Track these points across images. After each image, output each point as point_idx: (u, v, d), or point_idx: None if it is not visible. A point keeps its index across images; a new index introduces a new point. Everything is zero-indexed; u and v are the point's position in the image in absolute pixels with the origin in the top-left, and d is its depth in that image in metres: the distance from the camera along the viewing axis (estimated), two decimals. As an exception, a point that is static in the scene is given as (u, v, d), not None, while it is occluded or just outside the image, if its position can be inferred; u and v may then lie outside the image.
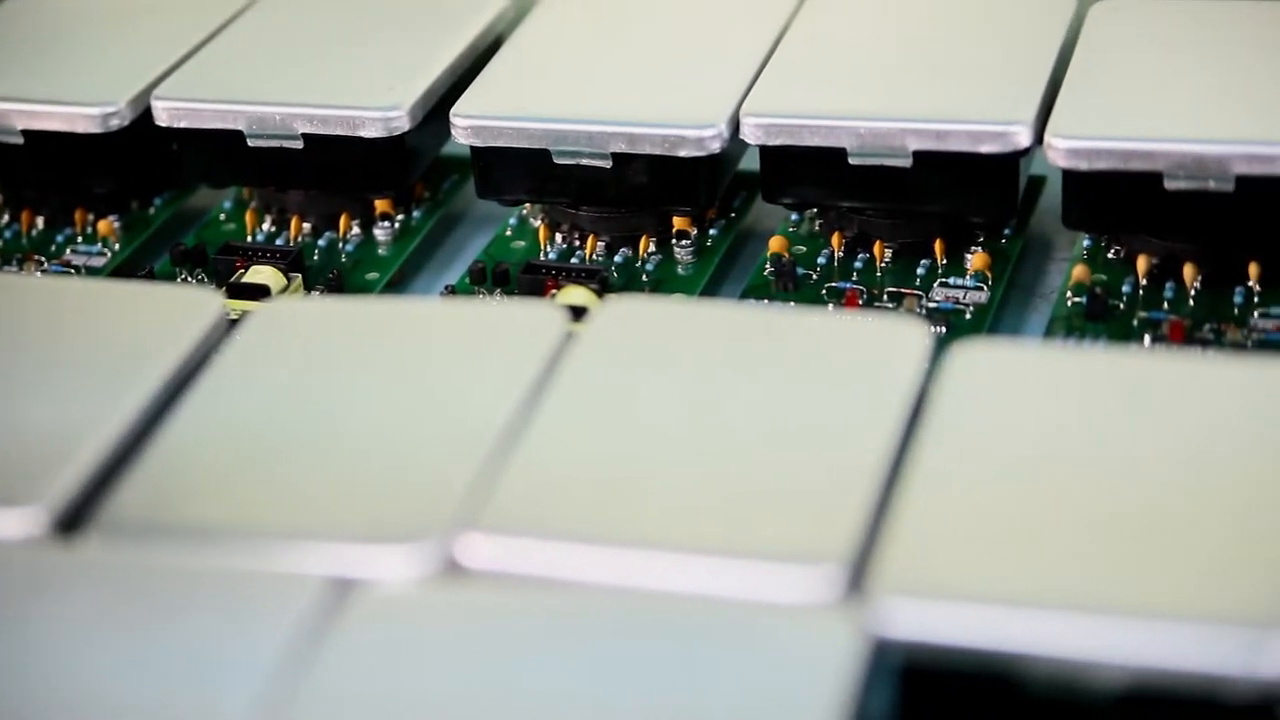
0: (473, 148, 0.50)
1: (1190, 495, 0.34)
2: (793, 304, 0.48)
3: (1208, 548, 0.33)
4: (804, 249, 0.50)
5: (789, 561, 0.34)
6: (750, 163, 0.50)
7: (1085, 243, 0.49)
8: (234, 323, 0.42)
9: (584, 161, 0.49)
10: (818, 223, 0.51)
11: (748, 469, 0.36)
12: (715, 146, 0.48)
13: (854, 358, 0.39)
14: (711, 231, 0.51)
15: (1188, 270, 0.47)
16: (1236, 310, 0.46)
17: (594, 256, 0.50)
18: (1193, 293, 0.47)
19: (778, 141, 0.48)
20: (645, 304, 0.42)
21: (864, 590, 0.33)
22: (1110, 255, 0.49)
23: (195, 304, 0.42)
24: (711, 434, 0.37)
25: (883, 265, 0.49)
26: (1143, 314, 0.46)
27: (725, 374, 0.39)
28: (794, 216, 0.51)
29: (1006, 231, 0.50)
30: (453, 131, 0.50)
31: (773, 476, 0.36)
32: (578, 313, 0.45)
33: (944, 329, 0.47)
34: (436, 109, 0.51)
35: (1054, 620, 0.32)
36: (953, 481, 0.35)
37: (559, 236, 0.51)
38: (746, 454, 0.36)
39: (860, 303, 0.48)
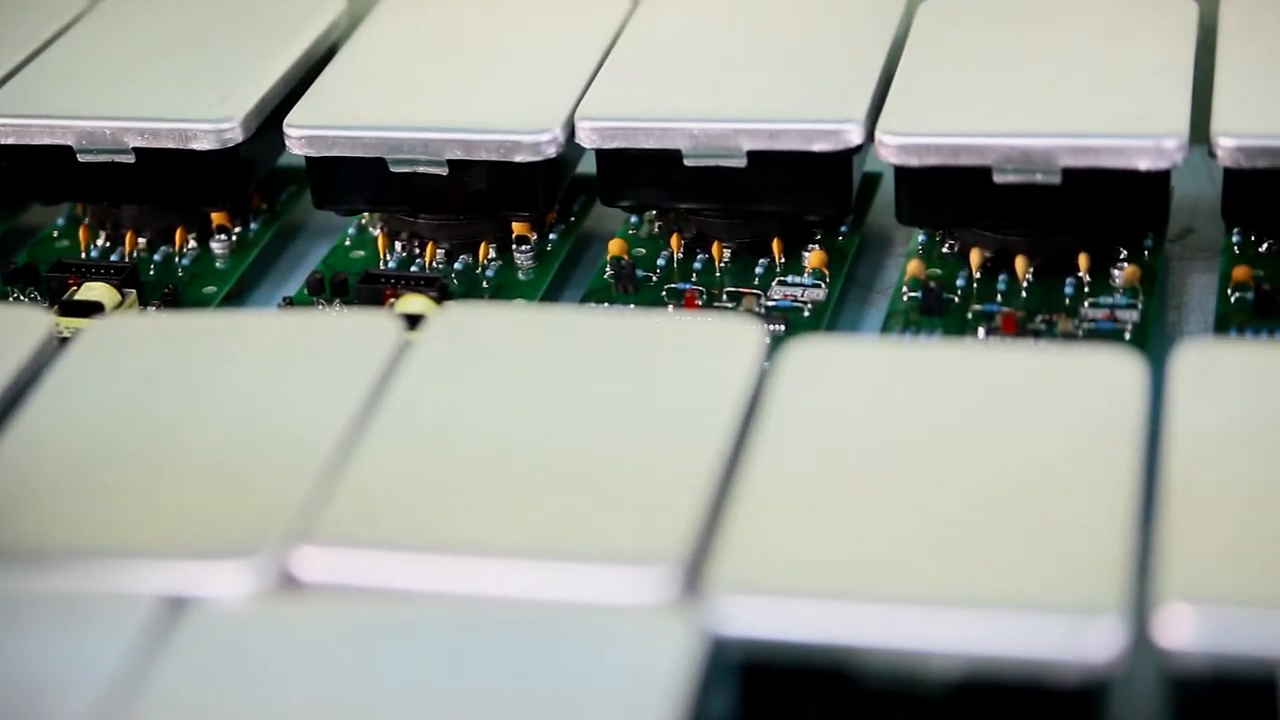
0: (307, 158, 0.49)
1: (1017, 485, 0.35)
2: (633, 306, 0.48)
3: (1034, 537, 0.33)
4: (644, 251, 0.50)
5: (624, 563, 0.34)
6: (589, 166, 0.51)
7: (920, 238, 0.50)
8: (64, 341, 0.41)
9: (420, 169, 0.49)
10: (657, 224, 0.51)
11: (583, 472, 0.36)
12: (551, 151, 0.48)
13: (689, 358, 0.39)
14: (551, 236, 0.51)
15: (1019, 262, 0.48)
16: (1068, 301, 0.47)
17: (434, 264, 0.50)
18: (1025, 284, 0.47)
19: (613, 145, 0.48)
20: (480, 311, 0.42)
21: (700, 590, 0.33)
22: (945, 250, 0.49)
23: (23, 322, 0.42)
24: (547, 439, 0.37)
25: (722, 265, 0.50)
26: (977, 307, 0.47)
27: (560, 378, 0.39)
28: (633, 219, 0.52)
29: (843, 229, 0.51)
30: (286, 142, 0.49)
31: (608, 479, 0.36)
32: (415, 321, 0.45)
33: (783, 327, 0.47)
34: (271, 119, 0.51)
35: (887, 612, 0.32)
36: (788, 478, 0.35)
37: (398, 245, 0.51)
38: (582, 457, 0.36)
39: (700, 303, 0.48)
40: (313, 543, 0.35)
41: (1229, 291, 0.47)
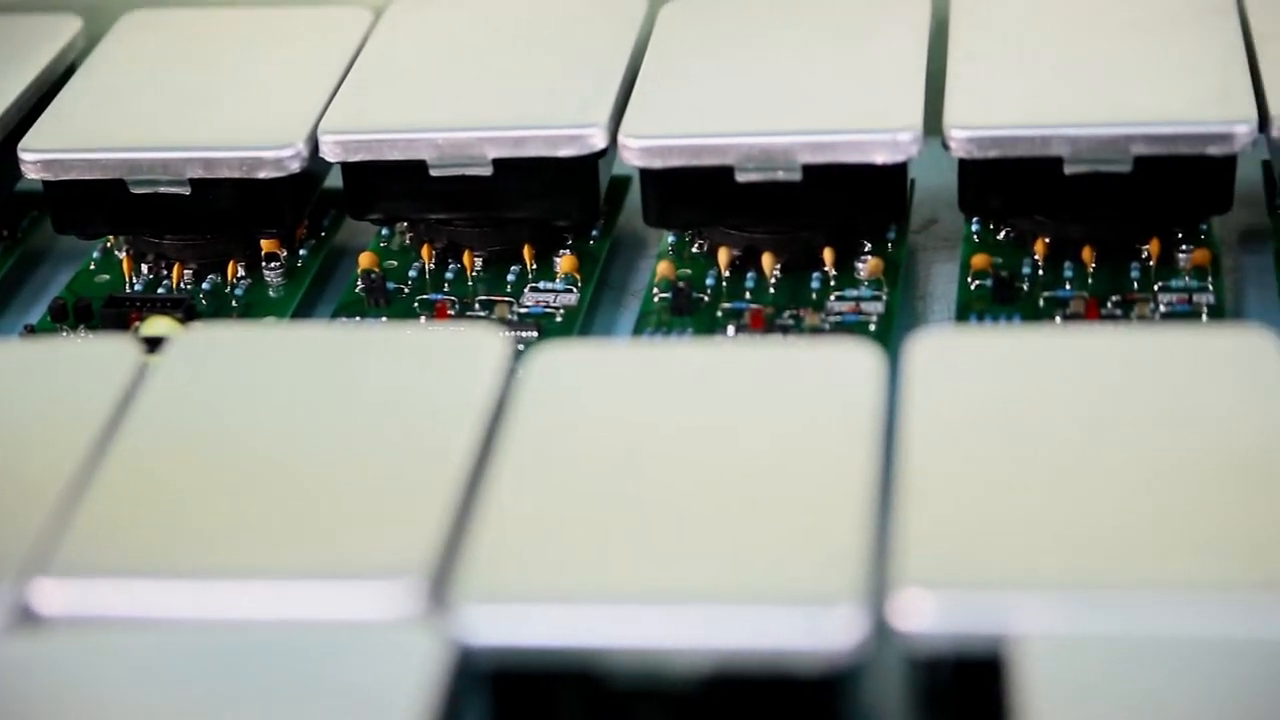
0: (45, 183, 0.48)
1: (758, 480, 0.35)
2: (385, 319, 0.48)
3: (775, 530, 0.34)
4: (395, 263, 0.50)
5: (369, 578, 0.33)
6: (339, 180, 0.50)
7: (670, 239, 0.50)
8: None
9: (162, 190, 0.48)
10: (408, 236, 0.51)
11: (327, 489, 0.36)
12: (295, 166, 0.48)
13: (433, 370, 0.39)
14: (301, 252, 0.51)
15: (766, 259, 0.48)
16: (814, 295, 0.48)
17: (181, 285, 0.50)
18: (773, 281, 0.48)
19: (358, 157, 0.48)
20: (222, 331, 0.42)
21: (447, 601, 0.33)
22: (695, 250, 0.50)
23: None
24: (290, 456, 0.36)
25: (474, 274, 0.50)
26: (726, 305, 0.48)
27: (304, 395, 0.38)
28: (384, 231, 0.51)
29: (594, 233, 0.51)
30: (22, 167, 0.48)
31: (353, 495, 0.35)
32: (158, 344, 0.44)
33: (536, 333, 0.47)
34: (6, 144, 0.50)
35: (632, 612, 0.33)
36: (533, 485, 0.36)
37: (145, 267, 0.50)
38: (326, 474, 0.36)
39: (452, 313, 0.48)
40: (51, 575, 0.34)
41: (969, 280, 0.48)
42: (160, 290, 0.49)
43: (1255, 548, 0.33)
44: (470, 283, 0.49)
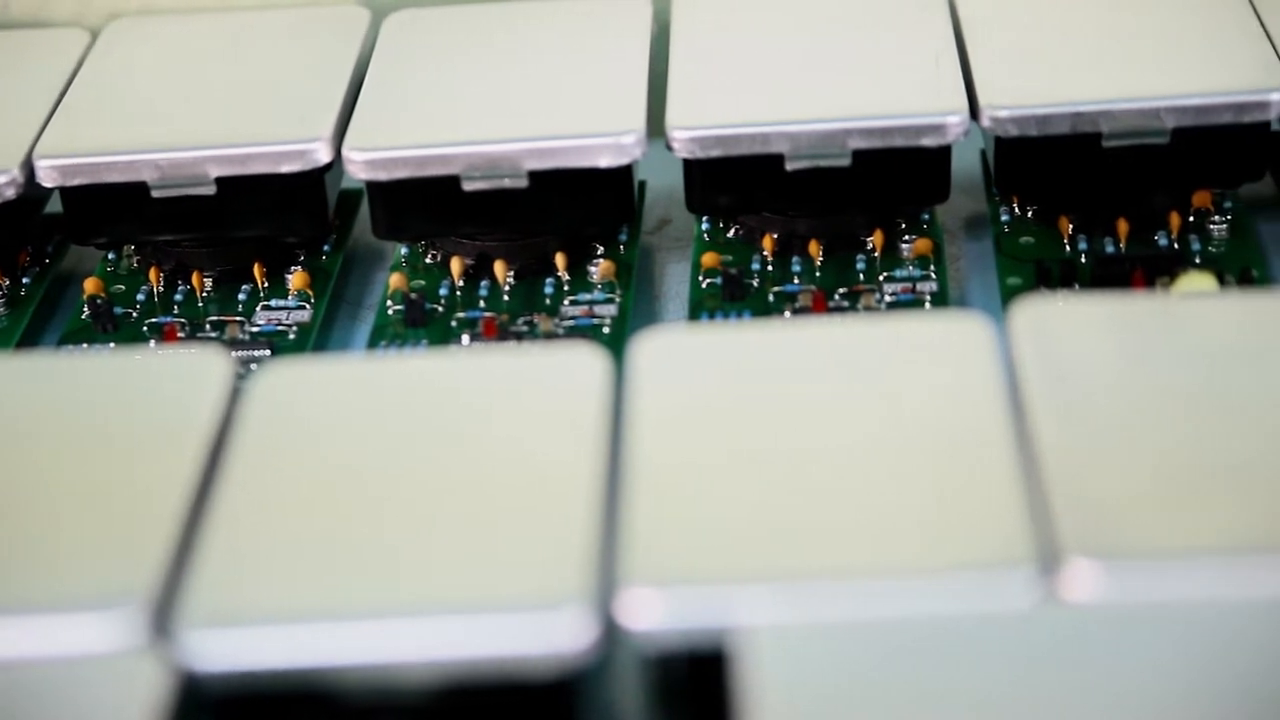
0: None
1: (486, 488, 0.35)
2: (113, 345, 0.47)
3: (502, 537, 0.34)
4: (123, 287, 0.49)
5: (91, 610, 0.33)
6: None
7: (403, 251, 0.50)
8: None
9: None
10: (135, 259, 0.50)
11: (48, 521, 0.35)
12: (10, 193, 0.47)
13: (156, 394, 0.38)
14: (25, 280, 0.50)
15: (498, 267, 0.48)
16: (548, 301, 0.48)
17: (-101, 319, 0.48)
18: (506, 288, 0.48)
19: (76, 181, 0.47)
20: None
21: (170, 629, 0.33)
22: (429, 260, 0.50)
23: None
24: (8, 488, 0.36)
25: (204, 295, 0.49)
26: (461, 314, 0.48)
27: (25, 427, 0.37)
28: (110, 255, 0.50)
29: (326, 248, 0.50)
30: None
31: (71, 527, 0.35)
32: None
33: (269, 351, 0.47)
34: None
35: (360, 629, 0.32)
36: (257, 505, 0.35)
37: None
38: (44, 507, 0.35)
39: (181, 335, 0.47)
40: None
41: (700, 278, 0.48)
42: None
43: (968, 530, 0.33)
44: (200, 304, 0.49)
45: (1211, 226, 0.48)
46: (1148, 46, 0.48)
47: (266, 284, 0.49)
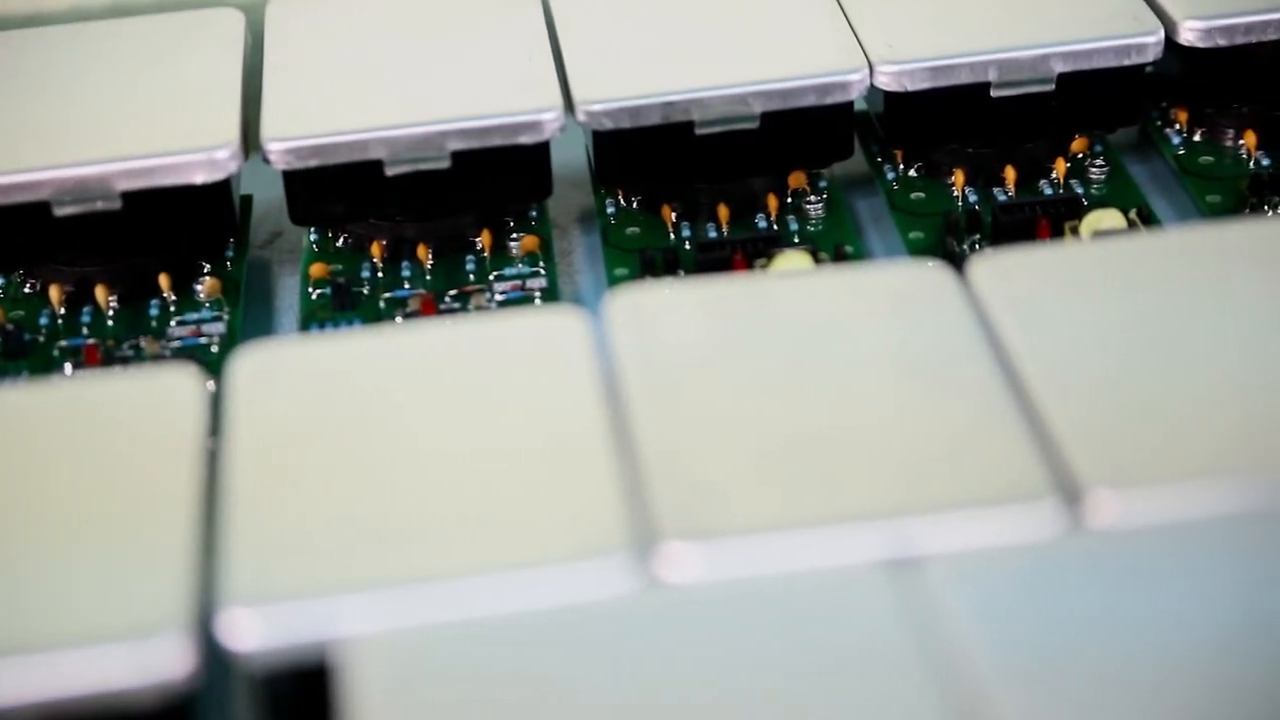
0: None
1: (84, 517, 0.34)
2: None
3: (91, 567, 0.33)
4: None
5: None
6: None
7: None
8: None
9: None
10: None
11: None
12: None
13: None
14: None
15: (100, 292, 0.47)
16: (154, 323, 0.47)
17: None
18: (110, 313, 0.47)
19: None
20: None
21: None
22: (27, 290, 0.48)
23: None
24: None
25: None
26: (63, 343, 0.46)
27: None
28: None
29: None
30: None
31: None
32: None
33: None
34: None
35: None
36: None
37: None
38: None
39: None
40: None
41: (310, 289, 0.48)
42: None
43: (566, 522, 0.34)
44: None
45: (808, 206, 0.49)
46: (736, 36, 0.49)
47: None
